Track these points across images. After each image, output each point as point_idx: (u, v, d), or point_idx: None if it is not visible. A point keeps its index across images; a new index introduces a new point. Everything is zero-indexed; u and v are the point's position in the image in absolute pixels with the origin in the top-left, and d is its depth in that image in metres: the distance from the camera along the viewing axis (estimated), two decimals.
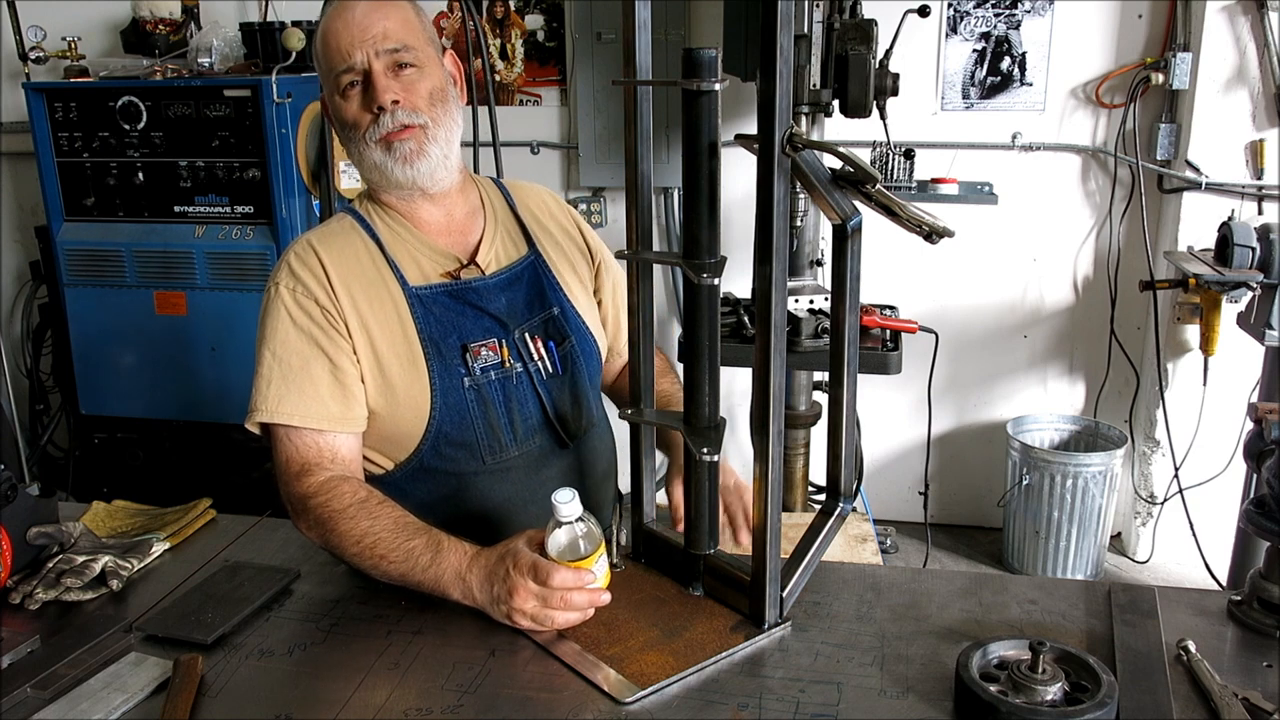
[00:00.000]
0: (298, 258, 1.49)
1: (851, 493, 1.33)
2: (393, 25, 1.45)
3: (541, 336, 1.57)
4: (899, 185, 2.99)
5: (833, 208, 1.17)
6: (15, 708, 1.15)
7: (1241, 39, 3.04)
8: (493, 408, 1.52)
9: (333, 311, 1.46)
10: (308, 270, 1.47)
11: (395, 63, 1.45)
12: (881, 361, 2.64)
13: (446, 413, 1.49)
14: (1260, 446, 1.29)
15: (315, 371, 1.44)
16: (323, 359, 1.45)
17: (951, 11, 3.30)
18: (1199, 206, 3.18)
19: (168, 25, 3.44)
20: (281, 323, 1.46)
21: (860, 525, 3.12)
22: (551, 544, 1.27)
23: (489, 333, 1.52)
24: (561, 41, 3.56)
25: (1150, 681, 1.12)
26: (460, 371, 1.49)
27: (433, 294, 1.50)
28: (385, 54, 1.44)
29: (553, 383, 1.57)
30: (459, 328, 1.51)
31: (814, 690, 1.15)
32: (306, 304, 1.46)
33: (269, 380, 1.44)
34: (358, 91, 1.46)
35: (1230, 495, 3.10)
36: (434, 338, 1.49)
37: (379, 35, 1.44)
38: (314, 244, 1.50)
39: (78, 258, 3.35)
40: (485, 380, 1.51)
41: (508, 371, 1.53)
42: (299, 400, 1.43)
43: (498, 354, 1.52)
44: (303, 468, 1.43)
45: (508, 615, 1.26)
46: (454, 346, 1.49)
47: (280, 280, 1.48)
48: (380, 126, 1.45)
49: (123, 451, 3.49)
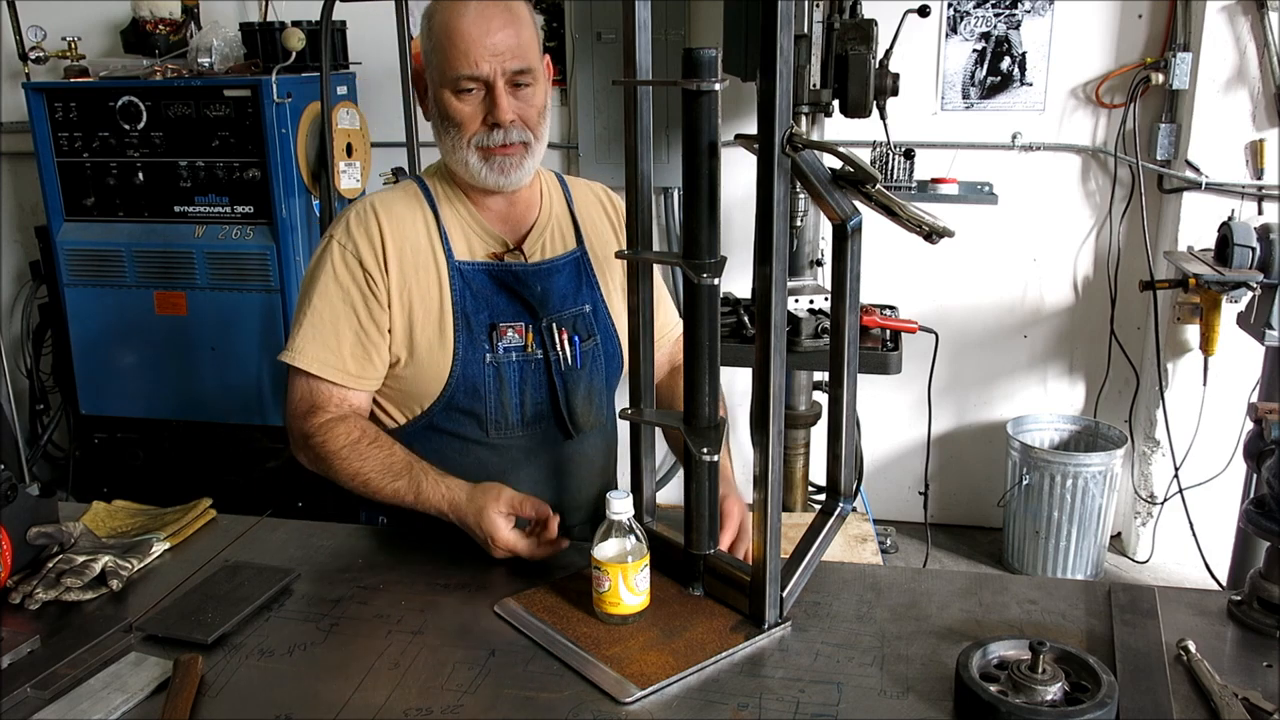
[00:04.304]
0: (358, 217, 1.56)
1: (851, 493, 1.33)
2: (521, 43, 1.48)
3: (569, 329, 1.62)
4: (899, 185, 2.99)
5: (833, 208, 1.17)
6: (15, 708, 1.15)
7: (1241, 39, 3.04)
8: (507, 386, 1.58)
9: (376, 276, 1.53)
10: (364, 232, 1.55)
11: (516, 80, 1.49)
12: (881, 361, 2.64)
13: (463, 383, 1.56)
14: (1260, 446, 1.29)
15: (342, 329, 1.54)
16: (352, 318, 1.54)
17: (951, 11, 3.30)
18: (1199, 206, 3.18)
19: (168, 25, 3.44)
20: (326, 275, 1.55)
21: (860, 525, 3.12)
22: (599, 550, 1.28)
23: (519, 316, 1.59)
24: (561, 41, 3.56)
25: (1150, 681, 1.12)
26: (485, 347, 1.57)
27: (474, 270, 1.57)
28: (510, 72, 1.48)
29: (570, 375, 1.61)
30: (492, 306, 1.57)
31: (814, 690, 1.15)
32: (352, 264, 1.54)
33: (301, 326, 1.55)
34: (475, 97, 1.50)
35: (1230, 495, 3.10)
36: (466, 311, 1.56)
37: (508, 52, 1.46)
38: (376, 207, 1.57)
39: (78, 258, 3.35)
40: (506, 360, 1.58)
41: (529, 356, 1.59)
42: (321, 351, 1.53)
43: (522, 337, 1.58)
44: (310, 408, 1.55)
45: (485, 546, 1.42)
46: (483, 323, 1.57)
47: (336, 235, 1.56)
48: (491, 138, 1.50)
49: (123, 451, 3.49)
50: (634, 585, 1.27)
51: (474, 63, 1.46)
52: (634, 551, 1.27)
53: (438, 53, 1.50)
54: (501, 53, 1.46)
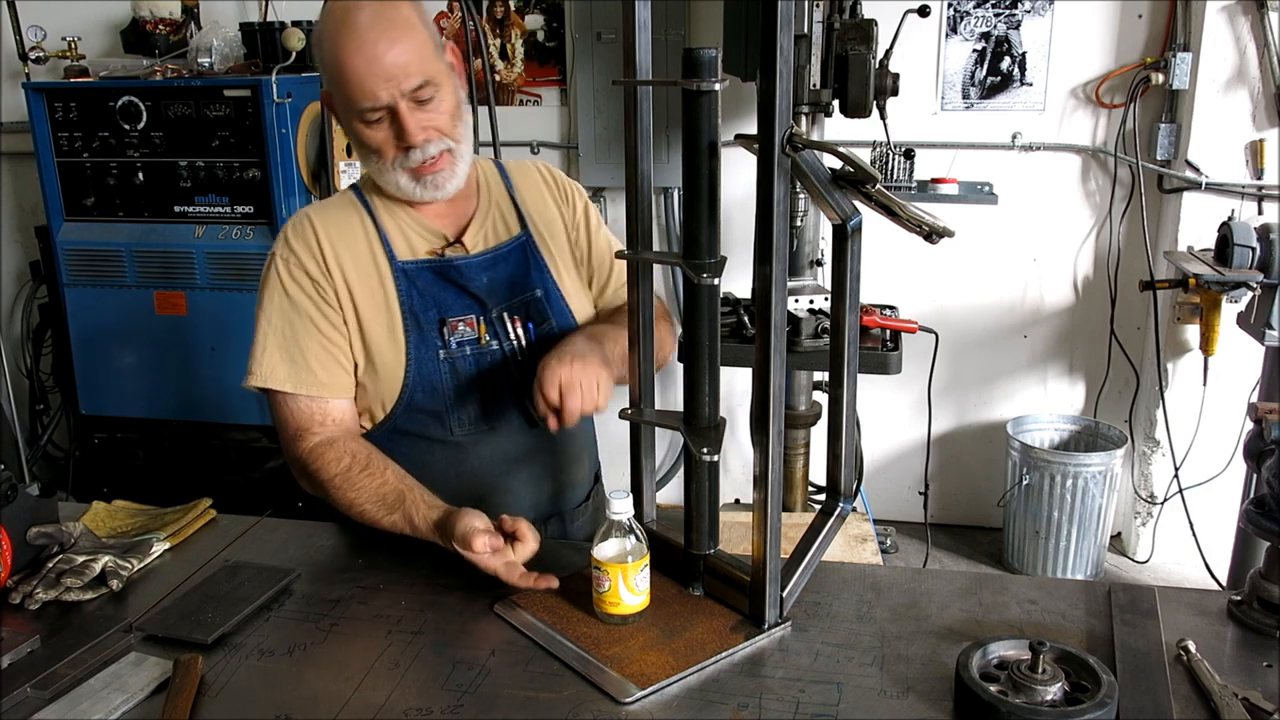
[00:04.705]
0: (294, 228, 1.57)
1: (851, 493, 1.33)
2: (412, 58, 1.43)
3: (521, 317, 1.61)
4: (899, 185, 2.99)
5: (833, 208, 1.17)
6: (15, 708, 1.15)
7: (1241, 39, 3.04)
8: (465, 381, 1.58)
9: (323, 282, 1.53)
10: (301, 241, 1.54)
11: (417, 97, 1.45)
12: (881, 361, 2.64)
13: (420, 381, 1.56)
14: (1260, 446, 1.29)
15: (305, 341, 1.53)
16: (312, 328, 1.53)
17: (951, 11, 3.30)
18: (1199, 206, 3.18)
19: (168, 25, 3.44)
20: (276, 292, 1.54)
21: (860, 525, 3.12)
22: (599, 550, 1.28)
23: (468, 309, 1.58)
24: (561, 41, 3.56)
25: (1150, 681, 1.12)
26: (437, 344, 1.56)
27: (417, 268, 1.56)
28: (409, 91, 1.43)
29: (528, 363, 1.59)
30: (439, 302, 1.57)
31: (814, 690, 1.15)
32: (299, 275, 1.53)
33: (264, 347, 1.54)
34: (383, 124, 1.46)
35: (1230, 495, 3.10)
36: (414, 310, 1.55)
37: (401, 73, 1.42)
38: (310, 216, 1.57)
39: (78, 258, 3.35)
40: (460, 354, 1.57)
41: (483, 348, 1.58)
42: (290, 368, 1.53)
43: (475, 330, 1.58)
44: (297, 430, 1.54)
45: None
46: (433, 320, 1.56)
47: (277, 250, 1.56)
48: (411, 159, 1.48)
49: (123, 451, 3.49)
50: (634, 585, 1.27)
51: (370, 94, 1.42)
52: (634, 551, 1.27)
53: (333, 86, 1.47)
54: (395, 75, 1.41)
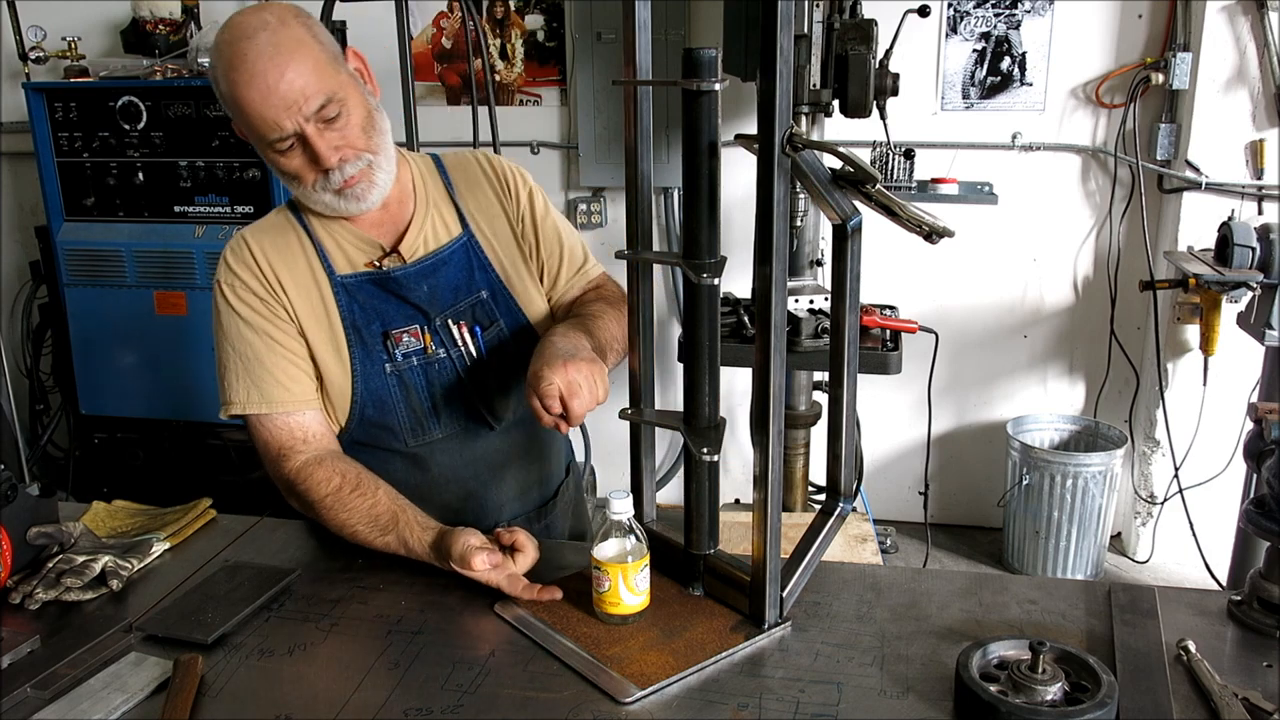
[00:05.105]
0: (233, 253, 1.55)
1: (851, 493, 1.33)
2: (309, 79, 1.36)
3: (467, 321, 1.58)
4: (899, 185, 2.99)
5: (833, 208, 1.17)
6: (15, 708, 1.15)
7: (1241, 39, 3.04)
8: (414, 392, 1.56)
9: (270, 300, 1.52)
10: (242, 264, 1.53)
11: (323, 117, 1.39)
12: (881, 361, 2.64)
13: (368, 396, 1.54)
14: (1260, 446, 1.29)
15: (267, 359, 1.52)
16: (272, 343, 1.52)
17: (951, 11, 3.30)
18: (1199, 206, 3.18)
19: (168, 25, 3.44)
20: (229, 318, 1.54)
21: (860, 525, 3.12)
22: (599, 550, 1.28)
23: (411, 319, 1.55)
24: (561, 41, 3.56)
25: (1150, 681, 1.12)
26: (382, 357, 1.54)
27: (358, 282, 1.54)
28: (313, 113, 1.38)
29: (478, 367, 1.58)
30: (382, 314, 1.55)
31: (814, 690, 1.15)
32: (246, 296, 1.52)
33: (234, 374, 1.53)
34: (296, 151, 1.41)
35: (1230, 495, 3.10)
36: (357, 324, 1.53)
37: (300, 97, 1.36)
38: (247, 238, 1.56)
39: (78, 258, 3.35)
40: (407, 366, 1.55)
41: (430, 357, 1.56)
42: (260, 390, 1.52)
43: (420, 340, 1.56)
44: (280, 451, 1.52)
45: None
46: (376, 333, 1.54)
47: (220, 278, 1.55)
48: (331, 181, 1.43)
49: (123, 451, 3.49)
50: (634, 585, 1.27)
51: (274, 125, 1.37)
52: (634, 551, 1.27)
53: (237, 121, 1.43)
54: (294, 101, 1.35)
